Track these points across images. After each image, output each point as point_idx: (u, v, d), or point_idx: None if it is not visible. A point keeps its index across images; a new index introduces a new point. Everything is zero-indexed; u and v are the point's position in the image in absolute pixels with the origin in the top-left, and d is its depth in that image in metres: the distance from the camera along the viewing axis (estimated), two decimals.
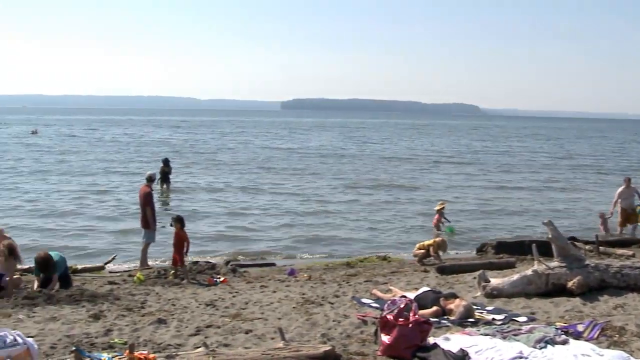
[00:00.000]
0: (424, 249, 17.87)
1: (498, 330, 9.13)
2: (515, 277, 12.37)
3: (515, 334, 8.81)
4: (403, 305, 8.59)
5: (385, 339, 8.37)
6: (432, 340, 8.54)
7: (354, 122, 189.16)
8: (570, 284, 11.78)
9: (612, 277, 12.12)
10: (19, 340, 7.17)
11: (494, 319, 10.27)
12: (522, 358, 7.94)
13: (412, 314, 8.47)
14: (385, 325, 8.48)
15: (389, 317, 8.47)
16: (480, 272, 12.84)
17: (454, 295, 11.04)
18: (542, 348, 8.18)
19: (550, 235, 12.69)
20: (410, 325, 8.31)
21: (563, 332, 9.03)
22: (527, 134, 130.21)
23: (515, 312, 10.83)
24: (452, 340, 8.56)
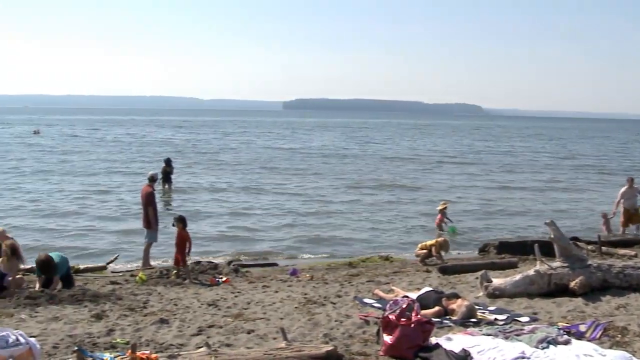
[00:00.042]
0: (426, 249, 17.86)
1: (500, 331, 9.12)
2: (518, 277, 12.37)
3: (518, 334, 8.80)
4: (405, 306, 8.59)
5: (388, 339, 8.36)
6: (434, 341, 8.53)
7: (356, 122, 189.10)
8: (573, 284, 11.77)
9: (614, 277, 12.12)
10: (22, 340, 7.17)
11: (496, 319, 10.27)
12: (524, 358, 7.93)
13: (414, 314, 8.47)
14: (388, 326, 8.47)
15: (391, 317, 8.47)
16: (483, 272, 12.84)
17: (456, 295, 11.04)
18: (544, 348, 8.18)
19: (553, 236, 12.70)
20: (413, 326, 8.31)
21: (565, 332, 9.02)
22: (529, 134, 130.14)
23: (518, 312, 10.83)
24: (454, 341, 8.55)
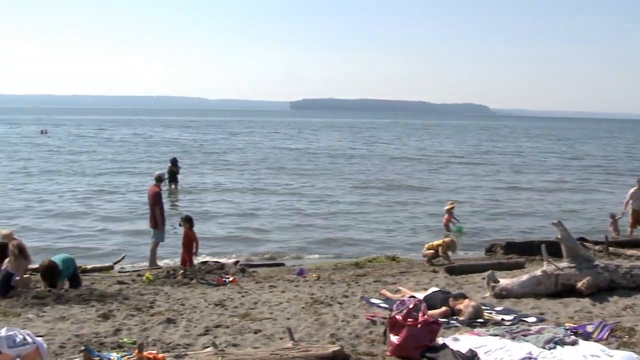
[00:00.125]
0: (433, 249, 17.83)
1: (507, 331, 9.12)
2: (525, 277, 12.35)
3: (525, 335, 8.80)
4: (412, 306, 8.59)
5: (394, 339, 8.36)
6: (441, 341, 8.54)
7: (363, 122, 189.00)
8: (580, 285, 11.75)
9: (621, 277, 12.10)
10: (29, 340, 7.19)
11: (503, 320, 10.26)
12: (531, 358, 7.93)
13: (421, 314, 8.46)
14: (394, 326, 8.47)
15: (398, 317, 8.47)
16: (490, 272, 12.82)
17: (463, 296, 11.03)
18: (551, 349, 8.17)
19: (560, 236, 12.67)
20: (419, 326, 8.31)
21: (572, 332, 9.01)
22: (536, 134, 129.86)
23: (525, 312, 10.82)
24: (461, 341, 8.55)
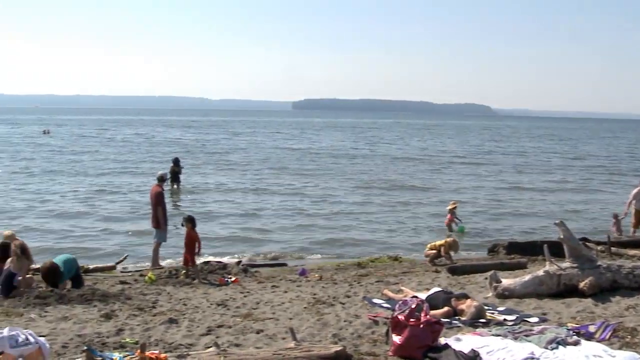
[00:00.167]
0: (436, 249, 17.82)
1: (509, 331, 9.12)
2: (527, 277, 12.34)
3: (527, 335, 8.79)
4: (414, 306, 8.59)
5: (397, 339, 8.36)
6: (443, 341, 8.53)
7: (365, 122, 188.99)
8: (582, 285, 11.74)
9: (624, 278, 12.08)
10: (31, 340, 7.19)
11: (506, 320, 10.26)
12: (533, 359, 7.93)
13: (423, 315, 8.46)
14: (397, 326, 8.47)
15: (400, 317, 8.47)
16: (492, 272, 12.82)
17: (465, 296, 11.02)
18: (553, 349, 8.17)
19: (562, 236, 12.66)
20: (422, 326, 8.31)
21: (575, 333, 9.01)
22: (539, 134, 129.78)
23: (527, 312, 10.81)
24: (463, 341, 8.55)
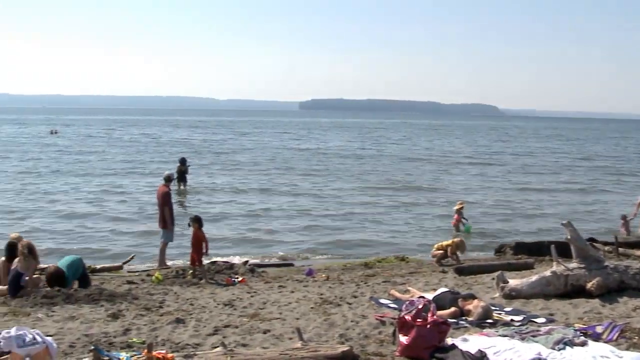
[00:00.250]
0: (443, 250, 17.80)
1: (516, 332, 9.10)
2: (534, 278, 12.32)
3: (534, 335, 8.78)
4: (421, 306, 8.58)
5: (404, 340, 8.36)
6: (450, 341, 8.53)
7: (372, 122, 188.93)
8: (589, 285, 11.71)
9: (631, 278, 12.04)
10: (38, 339, 7.21)
11: (513, 320, 10.24)
12: (540, 359, 7.91)
13: (430, 315, 8.46)
14: (404, 326, 8.46)
15: (407, 317, 8.46)
16: (499, 273, 12.79)
17: (472, 296, 11.01)
18: (560, 349, 8.15)
19: (569, 236, 12.62)
20: (429, 326, 8.30)
21: (582, 333, 8.99)
22: (546, 135, 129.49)
23: (534, 313, 10.79)
24: (470, 341, 8.54)
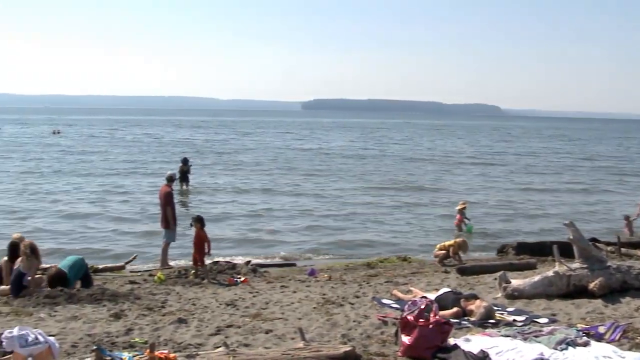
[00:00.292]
0: (445, 250, 17.79)
1: (519, 332, 9.10)
2: (536, 278, 12.31)
3: (536, 336, 8.77)
4: (424, 306, 8.58)
5: (406, 340, 8.35)
6: (452, 341, 8.52)
7: (375, 122, 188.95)
8: (592, 286, 11.70)
9: (634, 278, 12.03)
10: (41, 339, 7.22)
11: (515, 320, 10.23)
12: (543, 359, 7.91)
13: (432, 315, 8.46)
14: (406, 326, 8.46)
15: (410, 317, 8.46)
16: (501, 273, 12.79)
17: (475, 296, 11.01)
18: (563, 350, 8.15)
19: (572, 237, 12.61)
20: (431, 326, 8.30)
21: (584, 333, 8.98)
22: (549, 135, 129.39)
23: (536, 313, 10.79)
24: (472, 341, 8.54)
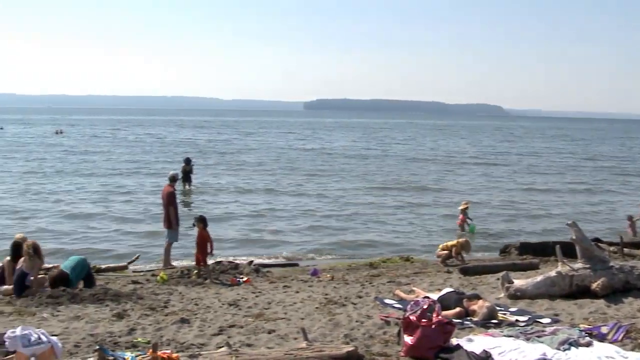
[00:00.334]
0: (448, 250, 17.78)
1: (521, 332, 9.09)
2: (539, 278, 12.30)
3: (539, 336, 8.77)
4: (426, 306, 8.57)
5: (408, 340, 8.35)
6: (455, 341, 8.51)
7: (377, 122, 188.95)
8: (595, 286, 11.69)
9: (636, 278, 12.01)
10: (43, 339, 7.22)
11: (518, 321, 10.23)
12: None
13: (435, 315, 8.45)
14: (408, 326, 8.46)
15: (412, 317, 8.46)
16: (504, 273, 12.78)
17: (477, 297, 11.01)
18: (565, 350, 8.14)
19: (574, 237, 12.60)
20: (433, 326, 8.30)
21: (587, 334, 8.97)
22: (551, 135, 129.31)
23: (539, 313, 10.78)
24: (475, 342, 8.53)
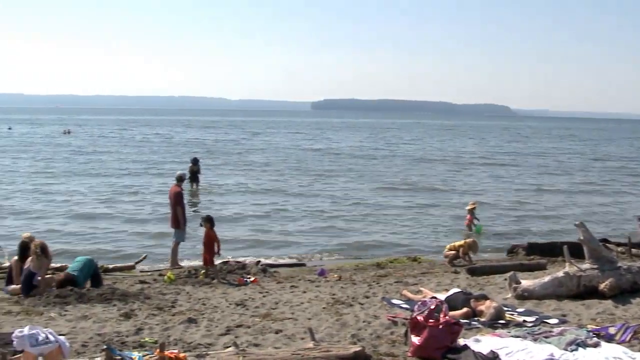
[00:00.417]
0: (455, 250, 17.76)
1: (529, 332, 9.08)
2: (547, 278, 12.28)
3: (547, 336, 8.75)
4: (433, 307, 8.57)
5: (416, 340, 8.35)
6: (462, 342, 8.51)
7: (385, 122, 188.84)
8: (602, 286, 11.66)
9: None
10: (51, 338, 7.24)
11: (525, 321, 10.21)
12: None
13: (442, 315, 8.45)
14: (416, 326, 8.46)
15: (420, 318, 8.46)
16: (511, 273, 12.76)
17: (485, 297, 10.99)
18: (573, 350, 8.13)
19: (582, 237, 12.57)
20: (441, 327, 8.29)
21: (595, 334, 8.96)
22: (559, 135, 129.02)
23: (546, 314, 10.76)
24: (482, 342, 8.52)
